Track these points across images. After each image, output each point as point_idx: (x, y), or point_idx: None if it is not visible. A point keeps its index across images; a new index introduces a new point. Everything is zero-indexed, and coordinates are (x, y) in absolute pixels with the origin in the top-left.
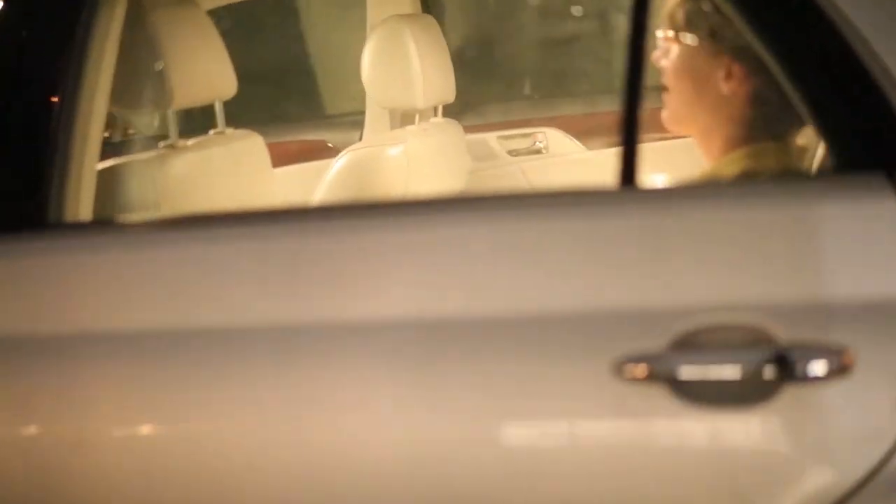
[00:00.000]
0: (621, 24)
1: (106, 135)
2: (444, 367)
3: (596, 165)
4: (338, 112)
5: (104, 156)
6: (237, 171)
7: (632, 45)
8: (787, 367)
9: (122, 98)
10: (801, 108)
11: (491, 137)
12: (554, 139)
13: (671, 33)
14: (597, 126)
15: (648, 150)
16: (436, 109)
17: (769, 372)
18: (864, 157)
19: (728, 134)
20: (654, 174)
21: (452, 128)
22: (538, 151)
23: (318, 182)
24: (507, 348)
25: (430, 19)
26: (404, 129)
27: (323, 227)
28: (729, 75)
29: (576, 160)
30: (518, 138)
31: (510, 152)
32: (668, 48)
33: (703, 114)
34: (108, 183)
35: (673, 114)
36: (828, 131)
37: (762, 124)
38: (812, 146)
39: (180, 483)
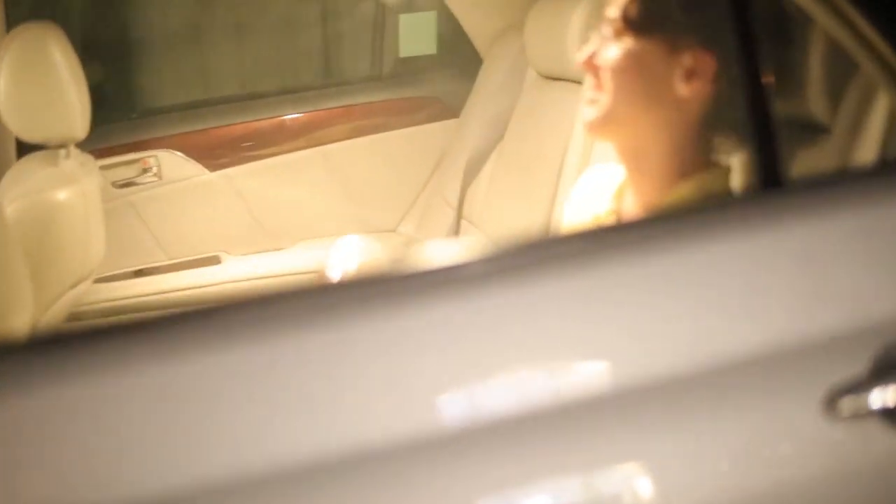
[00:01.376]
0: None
1: None
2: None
3: (220, 188)
4: None
5: None
6: None
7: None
8: None
9: None
10: None
11: None
12: (168, 163)
13: (620, 25)
14: (217, 143)
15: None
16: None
17: None
18: None
19: (676, 152)
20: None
21: (88, 159)
22: (150, 178)
23: None
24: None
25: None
26: (59, 166)
27: None
28: (691, 74)
29: (197, 184)
30: (121, 166)
31: (115, 184)
32: (608, 42)
33: (649, 121)
34: None
35: (607, 117)
36: None
37: (720, 140)
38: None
39: None
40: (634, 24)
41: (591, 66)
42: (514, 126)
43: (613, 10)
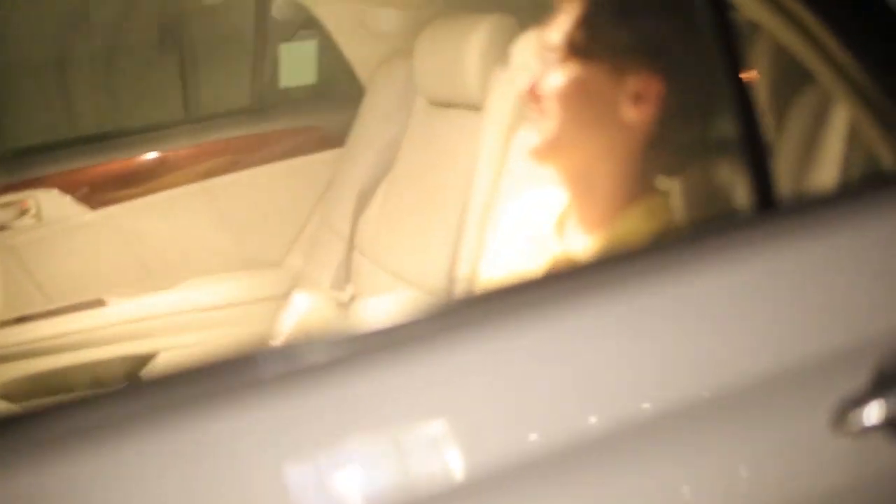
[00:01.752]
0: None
1: None
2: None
3: (103, 228)
4: None
5: None
6: None
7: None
8: None
9: None
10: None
11: None
12: (48, 203)
13: (564, 51)
14: (97, 180)
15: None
16: None
17: None
18: None
19: (622, 176)
20: None
21: None
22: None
23: None
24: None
25: None
26: None
27: None
28: (638, 98)
29: (79, 225)
30: None
31: None
32: (550, 69)
33: (595, 146)
34: None
35: (553, 144)
36: None
37: (663, 162)
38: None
39: None
40: (579, 50)
41: (534, 95)
42: (406, 155)
43: (555, 37)
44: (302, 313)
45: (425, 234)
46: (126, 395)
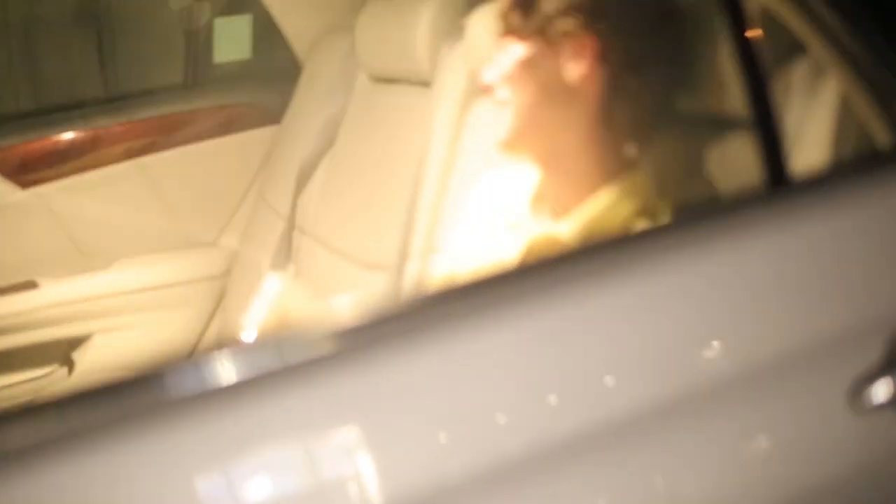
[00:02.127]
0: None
1: None
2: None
3: (33, 208)
4: None
5: None
6: None
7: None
8: None
9: None
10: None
11: None
12: None
13: (509, 41)
14: (27, 159)
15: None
16: None
17: None
18: None
19: (589, 147)
20: None
21: None
22: None
23: None
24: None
25: None
26: None
27: None
28: (578, 54)
29: (7, 204)
30: None
31: None
32: (504, 60)
33: (552, 120)
34: None
35: (516, 132)
36: None
37: (635, 127)
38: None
39: None
40: (515, 28)
41: (487, 88)
42: (348, 132)
43: (498, 25)
44: (273, 299)
45: (372, 212)
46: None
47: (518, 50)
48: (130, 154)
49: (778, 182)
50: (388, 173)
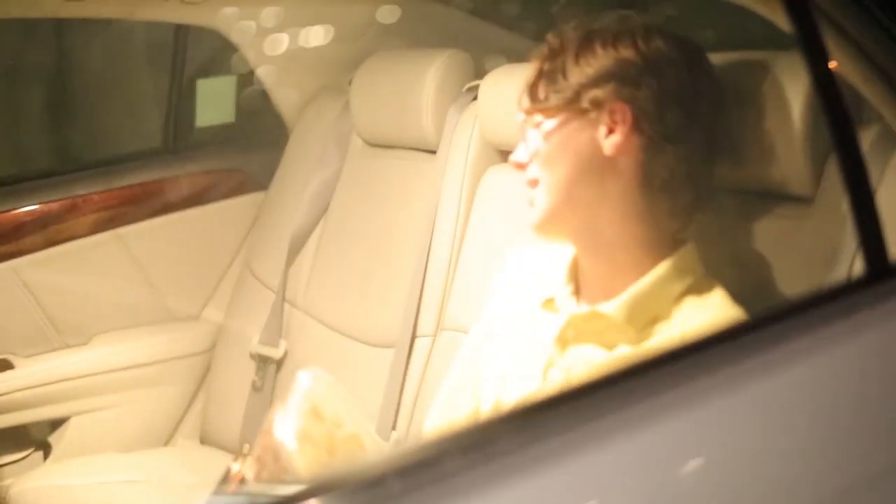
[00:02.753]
0: None
1: None
2: None
3: (5, 282)
4: None
5: None
6: None
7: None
8: None
9: None
10: None
11: None
12: None
13: (537, 118)
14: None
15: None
16: None
17: None
18: None
19: (630, 222)
20: None
21: None
22: None
23: None
24: None
25: None
26: None
27: None
28: (611, 128)
29: None
30: None
31: None
32: (529, 135)
33: (590, 196)
34: None
35: (551, 212)
36: None
37: (677, 200)
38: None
39: None
40: (542, 101)
41: (519, 164)
42: (342, 199)
43: (525, 100)
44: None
45: (372, 284)
46: None
47: (548, 125)
48: (108, 224)
49: (881, 269)
50: (389, 244)
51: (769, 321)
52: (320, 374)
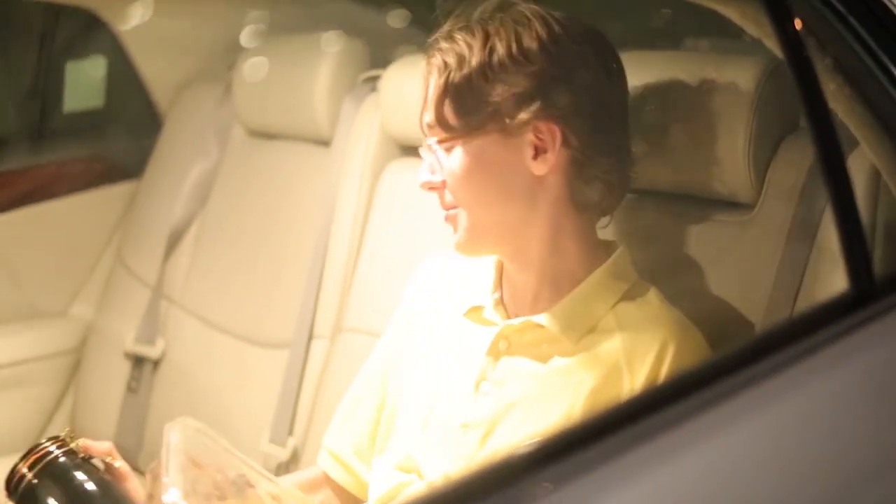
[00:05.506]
0: None
1: None
2: None
3: None
4: None
5: None
6: None
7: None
8: None
9: None
10: None
11: None
12: None
13: (442, 137)
14: None
15: None
16: None
17: None
18: None
19: (559, 238)
20: None
21: None
22: None
23: None
24: None
25: None
26: None
27: None
28: (538, 149)
29: None
30: None
31: None
32: (436, 153)
33: (516, 213)
34: None
35: (474, 231)
36: None
37: (606, 207)
38: None
39: None
40: (456, 125)
41: (432, 186)
42: (223, 191)
43: (428, 118)
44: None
45: (260, 282)
46: None
47: (464, 148)
48: None
49: (868, 292)
50: (277, 238)
51: (747, 358)
52: (188, 421)
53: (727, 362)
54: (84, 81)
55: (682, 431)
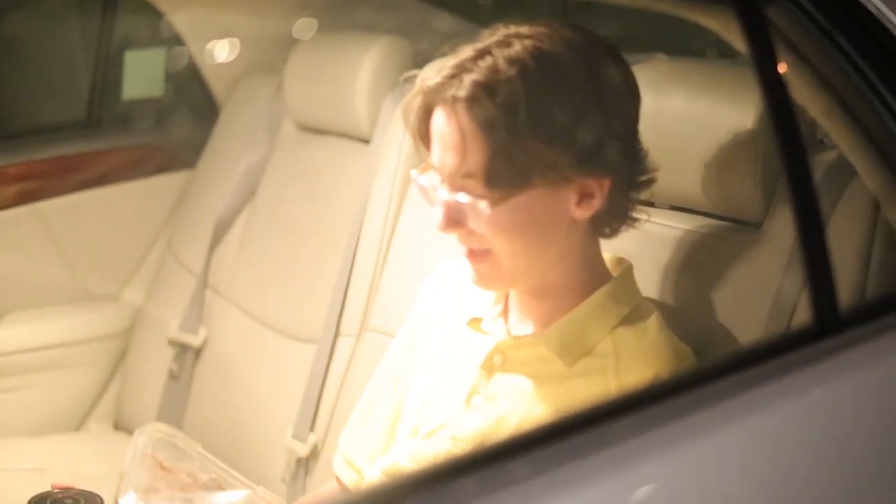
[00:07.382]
0: None
1: None
2: None
3: None
4: None
5: None
6: None
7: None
8: None
9: None
10: None
11: None
12: None
13: (482, 193)
14: None
15: None
16: None
17: None
18: None
19: (572, 267)
20: None
21: None
22: None
23: None
24: None
25: None
26: None
27: None
28: (584, 197)
29: None
30: None
31: None
32: (465, 206)
33: (546, 261)
34: None
35: (502, 275)
36: None
37: (615, 230)
38: None
39: None
40: (502, 183)
41: (458, 231)
42: (271, 184)
43: (465, 168)
44: None
45: (297, 276)
46: None
47: (510, 203)
48: (26, 197)
49: (830, 323)
50: (317, 234)
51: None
52: (158, 426)
53: (680, 381)
54: (144, 71)
55: (625, 447)
